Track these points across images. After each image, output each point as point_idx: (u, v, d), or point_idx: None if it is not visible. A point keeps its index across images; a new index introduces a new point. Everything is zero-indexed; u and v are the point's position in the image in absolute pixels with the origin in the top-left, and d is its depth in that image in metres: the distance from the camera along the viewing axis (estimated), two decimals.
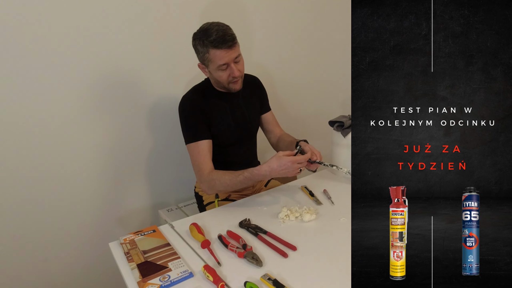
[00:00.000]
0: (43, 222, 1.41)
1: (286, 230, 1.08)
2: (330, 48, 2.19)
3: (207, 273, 0.85)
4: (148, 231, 1.08)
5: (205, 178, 1.24)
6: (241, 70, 1.24)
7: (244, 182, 1.18)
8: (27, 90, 1.28)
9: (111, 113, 1.48)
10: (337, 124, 1.47)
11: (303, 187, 1.36)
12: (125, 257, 0.95)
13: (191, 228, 1.06)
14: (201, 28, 1.18)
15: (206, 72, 1.26)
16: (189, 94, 1.31)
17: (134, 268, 0.90)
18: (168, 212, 1.59)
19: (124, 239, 1.03)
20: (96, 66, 1.39)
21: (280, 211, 1.17)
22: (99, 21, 1.35)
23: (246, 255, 0.93)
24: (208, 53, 1.16)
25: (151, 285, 0.83)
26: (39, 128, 1.33)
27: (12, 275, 1.40)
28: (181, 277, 0.86)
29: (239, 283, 0.84)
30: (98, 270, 1.58)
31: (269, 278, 0.85)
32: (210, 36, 1.13)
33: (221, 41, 1.13)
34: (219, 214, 1.22)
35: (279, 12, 1.88)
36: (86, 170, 1.47)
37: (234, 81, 1.23)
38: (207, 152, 1.26)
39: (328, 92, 2.27)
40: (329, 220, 1.14)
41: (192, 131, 1.27)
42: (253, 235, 1.06)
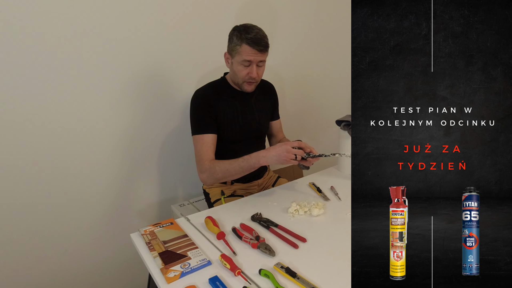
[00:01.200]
0: (62, 215, 1.45)
1: (296, 224, 1.13)
2: (335, 47, 2.20)
3: (224, 261, 0.91)
4: (166, 223, 1.14)
5: (206, 167, 1.28)
6: (260, 74, 1.32)
7: (242, 165, 1.22)
8: (50, 85, 1.31)
9: (130, 109, 1.51)
10: (344, 123, 1.52)
11: (311, 183, 1.42)
12: (146, 247, 1.02)
13: (207, 221, 1.11)
14: (245, 25, 1.27)
15: (228, 62, 1.34)
16: (202, 88, 1.38)
17: (156, 257, 0.96)
18: (181, 207, 1.64)
19: (145, 230, 1.09)
20: (112, 65, 1.42)
21: (289, 206, 1.22)
22: (122, 20, 1.39)
23: (259, 246, 0.99)
24: (240, 45, 1.25)
25: (173, 271, 0.89)
26: (63, 123, 1.37)
27: (34, 266, 1.43)
28: (200, 265, 0.92)
29: (254, 271, 0.90)
30: (115, 260, 1.63)
31: (282, 266, 0.90)
32: (250, 33, 1.23)
33: (256, 42, 1.23)
34: (232, 209, 1.26)
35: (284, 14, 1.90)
36: (103, 164, 1.50)
37: (249, 81, 1.31)
38: (211, 145, 1.32)
39: (334, 91, 2.30)
40: (336, 214, 1.20)
41: (199, 123, 1.33)
42: (265, 228, 1.11)
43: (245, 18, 1.74)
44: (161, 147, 1.63)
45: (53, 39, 1.27)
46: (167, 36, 1.50)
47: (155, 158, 1.64)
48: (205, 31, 1.57)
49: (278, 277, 0.87)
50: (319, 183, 1.42)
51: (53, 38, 1.26)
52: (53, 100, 1.32)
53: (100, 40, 1.36)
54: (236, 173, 1.25)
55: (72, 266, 1.52)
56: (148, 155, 1.61)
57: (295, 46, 2.00)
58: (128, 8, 1.38)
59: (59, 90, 1.32)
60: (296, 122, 2.11)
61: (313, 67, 2.14)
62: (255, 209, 1.20)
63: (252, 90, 1.35)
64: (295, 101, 2.10)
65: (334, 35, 2.16)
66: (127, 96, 1.48)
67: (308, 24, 2.04)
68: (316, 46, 2.10)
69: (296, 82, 2.07)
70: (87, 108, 1.40)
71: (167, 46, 1.52)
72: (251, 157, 1.21)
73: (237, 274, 0.87)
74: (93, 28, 1.33)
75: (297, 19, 1.97)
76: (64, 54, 1.30)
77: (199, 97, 1.35)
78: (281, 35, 1.93)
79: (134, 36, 1.43)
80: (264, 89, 1.48)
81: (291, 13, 1.92)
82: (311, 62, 2.11)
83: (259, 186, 1.54)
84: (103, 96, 1.42)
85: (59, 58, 1.29)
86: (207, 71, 1.64)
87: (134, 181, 1.61)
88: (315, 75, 2.16)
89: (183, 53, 1.57)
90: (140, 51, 1.46)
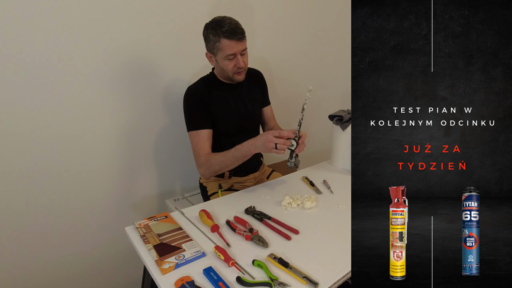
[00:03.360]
0: (56, 209, 1.44)
1: (289, 216, 1.14)
2: (330, 45, 2.22)
3: (218, 253, 0.91)
4: (160, 217, 1.14)
5: (202, 161, 1.32)
6: (245, 62, 1.33)
7: (235, 155, 1.25)
8: (43, 82, 1.30)
9: (124, 105, 1.51)
10: (336, 118, 1.55)
11: (304, 177, 1.44)
12: (141, 240, 1.02)
13: (201, 214, 1.12)
14: (214, 20, 1.26)
15: (212, 61, 1.34)
16: (194, 85, 1.39)
17: (151, 249, 0.96)
18: (175, 202, 1.65)
19: (139, 223, 1.09)
20: (106, 63, 1.41)
21: (282, 199, 1.23)
22: (113, 12, 1.38)
23: (253, 238, 0.99)
24: (219, 42, 1.25)
25: (168, 263, 0.90)
26: (57, 119, 1.36)
27: (28, 261, 1.43)
28: (195, 256, 0.93)
29: (247, 261, 0.90)
30: (109, 254, 1.63)
31: (275, 257, 0.91)
32: (223, 27, 1.23)
33: (232, 33, 1.22)
34: (225, 202, 1.27)
35: (281, 10, 1.91)
36: (97, 159, 1.50)
37: (238, 71, 1.32)
38: (207, 140, 1.34)
39: (328, 87, 2.32)
40: (328, 207, 1.21)
41: (194, 119, 1.34)
42: (258, 220, 1.12)
43: (247, 15, 1.77)
44: (155, 142, 1.64)
45: (47, 38, 1.26)
46: (160, 33, 1.51)
47: (149, 154, 1.64)
48: (197, 27, 1.55)
49: (271, 267, 0.88)
50: (312, 177, 1.43)
51: (47, 37, 1.26)
52: (46, 95, 1.31)
53: (95, 39, 1.35)
54: (231, 163, 1.28)
55: (66, 260, 1.52)
56: (141, 151, 1.61)
57: (291, 43, 2.02)
58: (121, 7, 1.38)
59: (52, 87, 1.31)
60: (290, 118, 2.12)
61: (308, 63, 2.15)
62: (248, 203, 1.21)
63: (243, 79, 1.36)
64: (289, 97, 2.11)
65: (330, 32, 2.17)
66: (121, 92, 1.48)
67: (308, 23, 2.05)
68: (311, 43, 2.12)
69: (290, 78, 2.09)
70: (82, 104, 1.40)
71: (161, 42, 1.52)
72: (242, 146, 1.24)
73: (231, 265, 0.88)
74: (87, 27, 1.33)
75: (296, 17, 1.98)
76: (58, 53, 1.29)
77: (192, 93, 1.35)
78: (281, 33, 1.94)
79: (128, 34, 1.43)
80: (252, 78, 1.49)
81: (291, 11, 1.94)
82: (307, 59, 2.13)
83: (255, 179, 1.56)
84: (97, 92, 1.42)
85: (53, 56, 1.29)
86: (201, 67, 1.64)
87: (128, 176, 1.61)
88: (310, 72, 2.18)
89: (175, 49, 1.57)
90: (134, 48, 1.46)
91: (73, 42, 1.32)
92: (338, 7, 2.14)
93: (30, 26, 1.23)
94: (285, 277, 0.84)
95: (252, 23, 1.81)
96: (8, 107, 1.25)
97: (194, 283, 0.82)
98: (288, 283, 0.82)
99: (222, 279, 0.82)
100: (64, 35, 1.29)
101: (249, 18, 1.80)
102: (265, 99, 1.57)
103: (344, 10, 2.16)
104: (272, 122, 1.60)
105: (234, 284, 0.82)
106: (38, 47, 1.25)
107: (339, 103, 2.02)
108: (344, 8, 2.15)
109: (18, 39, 1.21)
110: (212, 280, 0.82)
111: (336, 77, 2.31)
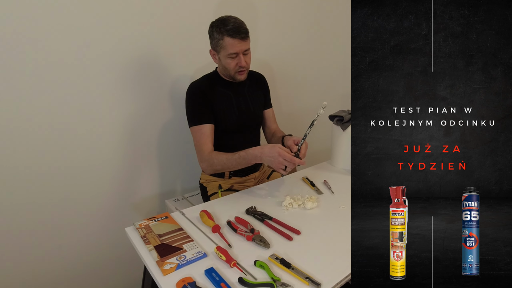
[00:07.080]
0: (55, 210, 1.44)
1: (290, 217, 1.14)
2: (330, 45, 2.22)
3: (219, 254, 0.91)
4: (160, 217, 1.14)
5: (205, 157, 1.32)
6: (248, 62, 1.34)
7: (239, 161, 1.25)
8: (44, 80, 1.30)
9: (124, 104, 1.51)
10: (336, 118, 1.55)
11: (305, 178, 1.44)
12: (142, 240, 1.02)
13: (202, 215, 1.11)
14: (220, 18, 1.29)
15: (216, 59, 1.36)
16: (197, 81, 1.41)
17: (152, 250, 0.96)
18: (175, 202, 1.65)
19: (139, 224, 1.09)
20: (108, 60, 1.41)
21: (283, 199, 1.23)
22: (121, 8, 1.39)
23: (254, 238, 0.99)
24: (222, 39, 1.27)
25: (169, 264, 0.89)
26: (57, 118, 1.36)
27: (27, 262, 1.43)
28: (196, 257, 0.93)
29: (249, 262, 0.90)
30: (109, 254, 1.63)
31: (277, 257, 0.91)
32: (228, 25, 1.25)
33: (236, 32, 1.25)
34: (226, 203, 1.27)
35: (282, 11, 1.91)
36: (97, 160, 1.50)
37: (240, 70, 1.34)
38: (209, 135, 1.35)
39: (328, 88, 2.32)
40: (329, 207, 1.22)
41: (196, 115, 1.35)
42: (259, 221, 1.11)
43: (249, 15, 1.76)
44: (155, 142, 1.64)
45: (48, 36, 1.26)
46: (162, 29, 1.51)
47: (149, 154, 1.64)
48: (202, 25, 1.55)
49: (273, 268, 0.88)
50: (313, 177, 1.44)
51: (48, 35, 1.26)
52: (48, 93, 1.31)
53: (97, 36, 1.35)
54: (233, 167, 1.29)
55: (65, 261, 1.51)
56: (141, 151, 1.61)
57: (291, 44, 2.02)
58: (124, 3, 1.38)
59: (52, 86, 1.31)
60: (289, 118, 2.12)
61: (309, 63, 2.15)
62: (249, 203, 1.21)
63: (245, 78, 1.38)
64: (289, 97, 2.11)
65: (330, 32, 2.17)
66: (121, 91, 1.48)
67: (308, 23, 2.05)
68: (310, 43, 2.12)
69: (291, 79, 2.09)
70: (82, 103, 1.39)
71: (164, 39, 1.52)
72: (247, 154, 1.23)
73: (232, 266, 0.88)
74: (89, 24, 1.33)
75: (297, 18, 1.98)
76: (60, 50, 1.29)
77: (194, 88, 1.37)
78: (282, 34, 1.94)
79: (131, 31, 1.43)
80: (255, 80, 1.51)
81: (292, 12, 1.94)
82: (307, 59, 2.13)
83: (255, 179, 1.56)
84: (98, 91, 1.42)
85: (55, 54, 1.29)
86: (203, 65, 1.64)
87: (128, 177, 1.61)
88: (310, 72, 2.18)
89: (179, 46, 1.57)
90: (136, 45, 1.46)
91: (77, 40, 1.32)
92: (338, 7, 2.14)
93: (34, 24, 1.23)
94: (287, 278, 0.84)
95: (255, 26, 1.81)
96: (9, 106, 1.25)
97: (196, 284, 0.82)
98: (291, 283, 0.82)
99: (224, 280, 0.82)
100: (67, 33, 1.29)
101: (253, 20, 1.80)
102: (267, 101, 1.58)
103: (344, 10, 2.15)
104: (273, 125, 1.60)
105: (236, 285, 0.82)
106: (38, 46, 1.25)
107: (339, 103, 2.02)
108: (344, 8, 2.14)
109: (21, 37, 1.21)
110: (214, 281, 0.82)
111: (336, 77, 2.31)
